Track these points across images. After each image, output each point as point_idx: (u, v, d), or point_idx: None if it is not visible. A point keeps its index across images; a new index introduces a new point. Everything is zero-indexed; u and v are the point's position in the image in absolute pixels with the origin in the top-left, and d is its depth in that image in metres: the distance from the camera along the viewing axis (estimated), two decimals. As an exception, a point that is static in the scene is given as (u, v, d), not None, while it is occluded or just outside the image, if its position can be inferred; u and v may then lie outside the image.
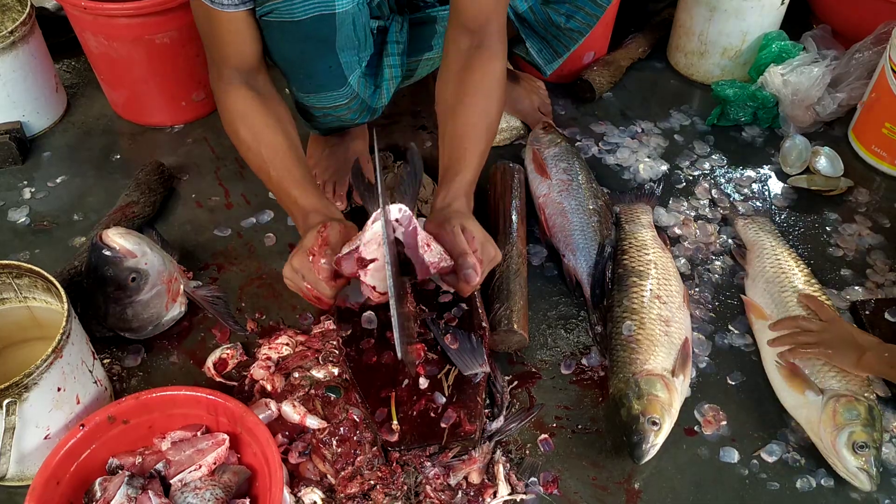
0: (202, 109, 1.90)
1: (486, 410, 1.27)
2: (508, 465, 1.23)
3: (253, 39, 1.29)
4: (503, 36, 1.35)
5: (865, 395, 1.26)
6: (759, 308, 1.44)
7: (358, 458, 1.19)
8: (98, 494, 1.07)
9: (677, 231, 1.63)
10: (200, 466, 1.09)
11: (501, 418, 1.26)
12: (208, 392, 1.14)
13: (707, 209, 1.69)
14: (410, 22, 1.46)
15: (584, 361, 1.39)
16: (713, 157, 1.82)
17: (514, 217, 1.54)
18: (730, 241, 1.61)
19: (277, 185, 1.29)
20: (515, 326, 1.34)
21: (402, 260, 1.19)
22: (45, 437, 1.13)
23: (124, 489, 1.05)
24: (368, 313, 1.32)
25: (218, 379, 1.34)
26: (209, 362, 1.36)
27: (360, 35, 1.32)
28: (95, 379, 1.22)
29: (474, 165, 1.28)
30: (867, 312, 1.43)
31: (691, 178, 1.77)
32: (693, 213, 1.68)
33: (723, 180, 1.76)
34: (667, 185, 1.74)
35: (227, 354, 1.37)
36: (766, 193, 1.74)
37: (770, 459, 1.26)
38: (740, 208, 1.69)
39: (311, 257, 1.16)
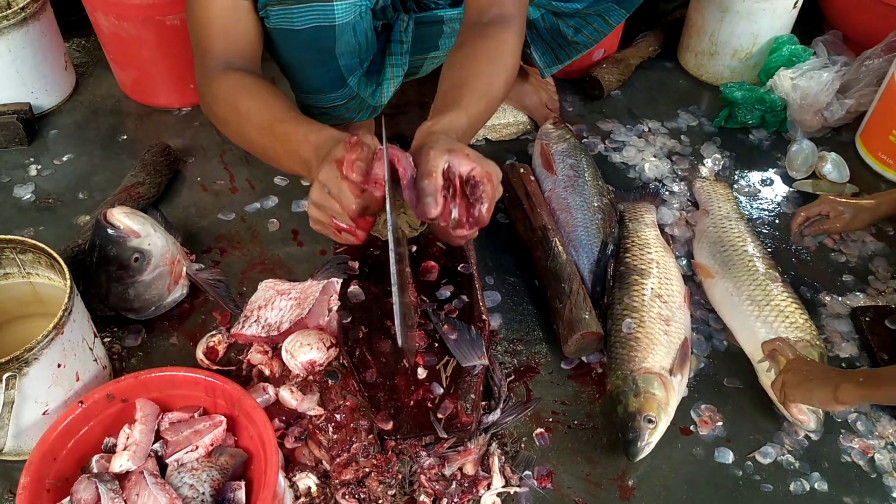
0: (210, 93, 1.89)
1: (483, 403, 1.27)
2: (503, 457, 1.23)
3: (252, 35, 1.21)
4: (522, 10, 1.26)
5: (817, 342, 1.33)
6: (705, 268, 1.49)
7: (354, 446, 1.19)
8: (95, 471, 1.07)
9: (677, 231, 1.63)
10: (197, 448, 1.09)
11: (498, 411, 1.26)
12: (207, 374, 1.15)
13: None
14: (417, 21, 1.44)
15: (582, 357, 1.39)
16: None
17: (543, 215, 1.54)
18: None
19: (284, 133, 1.11)
20: (594, 327, 1.34)
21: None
22: (44, 413, 1.14)
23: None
24: (354, 288, 1.33)
25: (214, 368, 1.33)
26: (199, 354, 1.35)
27: (360, 40, 1.30)
28: (95, 357, 1.22)
29: (471, 114, 1.11)
30: (867, 319, 1.44)
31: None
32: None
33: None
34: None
35: (215, 342, 1.37)
36: (772, 197, 1.74)
37: (764, 461, 1.26)
38: (702, 171, 1.74)
39: (339, 166, 0.99)
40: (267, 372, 1.31)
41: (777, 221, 1.67)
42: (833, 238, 1.61)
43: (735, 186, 1.75)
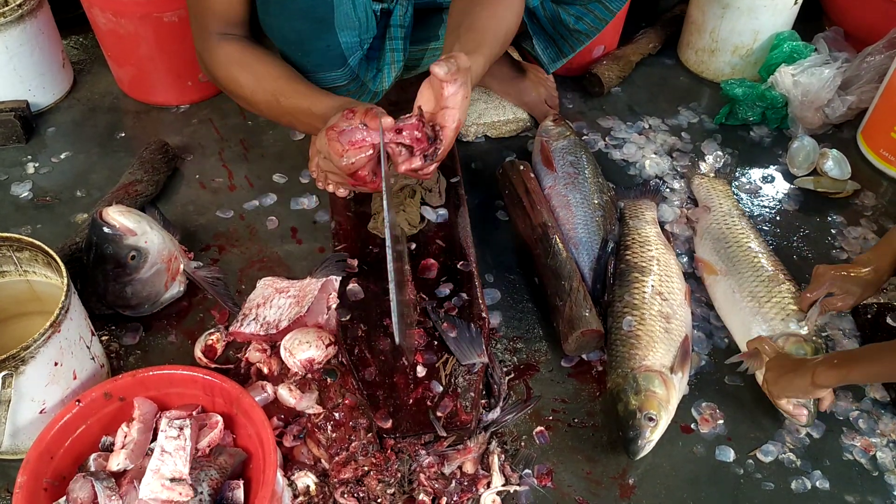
0: (208, 90, 1.89)
1: (483, 401, 1.27)
2: (503, 456, 1.22)
3: (245, 5, 1.27)
4: None
5: (813, 337, 1.33)
6: (710, 264, 1.49)
7: (353, 444, 1.19)
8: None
9: (678, 229, 1.62)
10: (195, 446, 1.09)
11: (498, 409, 1.26)
12: (205, 372, 1.14)
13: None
14: (416, 8, 1.44)
15: (583, 355, 1.38)
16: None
17: (543, 212, 1.53)
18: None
19: (291, 107, 1.25)
20: (594, 325, 1.33)
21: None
22: (41, 412, 1.13)
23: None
24: (353, 286, 1.33)
25: (212, 366, 1.33)
26: (197, 352, 1.35)
27: (360, 15, 1.30)
28: (93, 355, 1.22)
29: (486, 55, 1.20)
30: (868, 316, 1.43)
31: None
32: (698, 211, 1.67)
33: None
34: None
35: (213, 340, 1.36)
36: (773, 194, 1.73)
37: (766, 459, 1.25)
38: (701, 167, 1.73)
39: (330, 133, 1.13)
40: (265, 370, 1.31)
41: (778, 218, 1.67)
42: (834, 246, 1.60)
43: (736, 183, 1.74)
